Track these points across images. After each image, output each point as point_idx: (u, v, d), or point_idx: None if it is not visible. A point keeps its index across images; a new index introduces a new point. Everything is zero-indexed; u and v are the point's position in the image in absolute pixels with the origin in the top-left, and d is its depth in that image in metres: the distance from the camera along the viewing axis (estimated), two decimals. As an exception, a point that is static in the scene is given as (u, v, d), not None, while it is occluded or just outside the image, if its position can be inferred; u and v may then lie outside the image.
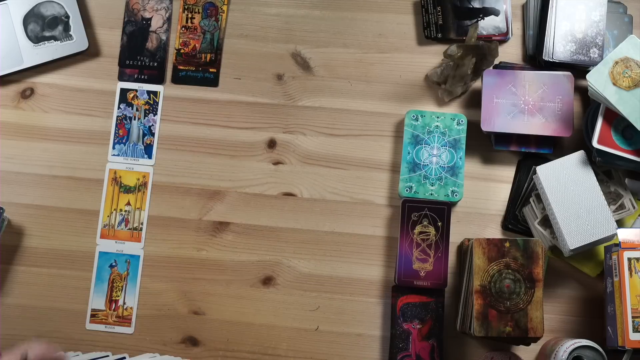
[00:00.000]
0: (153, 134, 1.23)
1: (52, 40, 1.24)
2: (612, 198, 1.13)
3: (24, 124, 1.23)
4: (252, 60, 1.25)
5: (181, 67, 1.25)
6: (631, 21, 1.22)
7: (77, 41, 1.24)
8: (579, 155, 1.11)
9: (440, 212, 1.15)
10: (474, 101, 1.22)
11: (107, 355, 1.15)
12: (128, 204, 1.21)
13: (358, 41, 1.25)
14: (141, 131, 1.23)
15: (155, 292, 1.18)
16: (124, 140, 1.22)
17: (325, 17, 1.26)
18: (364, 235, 1.19)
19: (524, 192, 1.18)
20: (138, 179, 1.21)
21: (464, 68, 1.19)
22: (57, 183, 1.21)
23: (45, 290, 1.18)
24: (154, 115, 1.23)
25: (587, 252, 1.14)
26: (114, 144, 1.22)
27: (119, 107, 1.24)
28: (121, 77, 1.25)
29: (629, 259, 1.05)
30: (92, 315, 1.18)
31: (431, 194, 1.16)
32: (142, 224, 1.20)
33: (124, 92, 1.24)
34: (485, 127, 1.16)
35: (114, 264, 1.19)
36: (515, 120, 1.16)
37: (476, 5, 1.24)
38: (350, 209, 1.20)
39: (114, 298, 1.18)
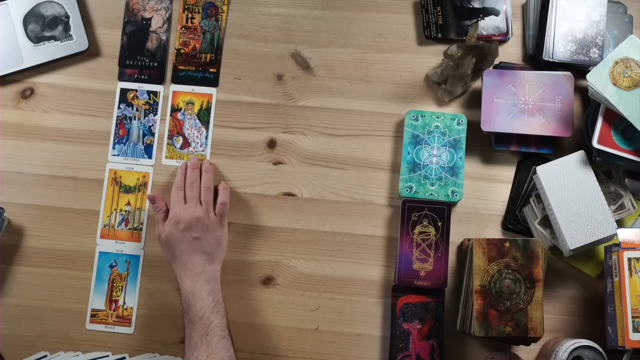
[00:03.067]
0: (153, 134, 1.23)
1: (52, 40, 1.24)
2: (612, 198, 1.13)
3: (24, 124, 1.23)
4: (252, 60, 1.25)
5: (181, 67, 1.25)
6: (631, 21, 1.22)
7: (77, 41, 1.24)
8: (579, 155, 1.11)
9: (440, 212, 1.15)
10: (474, 101, 1.22)
11: (107, 355, 1.15)
12: (128, 204, 1.21)
13: (358, 41, 1.25)
14: (141, 131, 1.23)
15: (155, 292, 1.18)
16: (124, 140, 1.22)
17: (325, 17, 1.26)
18: (364, 235, 1.19)
19: (524, 192, 1.18)
20: (138, 179, 1.21)
21: (464, 68, 1.19)
22: (57, 183, 1.21)
23: (45, 290, 1.18)
24: (154, 115, 1.23)
25: (587, 252, 1.14)
26: (114, 144, 1.22)
27: (119, 107, 1.24)
28: (121, 77, 1.25)
29: (629, 259, 1.05)
30: (92, 315, 1.18)
31: (431, 194, 1.16)
32: (142, 224, 1.20)
33: (124, 92, 1.24)
34: (485, 127, 1.16)
35: (114, 264, 1.19)
36: (515, 120, 1.16)
37: (476, 5, 1.24)
38: (350, 209, 1.20)
39: (114, 298, 1.18)
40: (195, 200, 1.14)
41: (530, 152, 1.19)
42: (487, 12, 1.24)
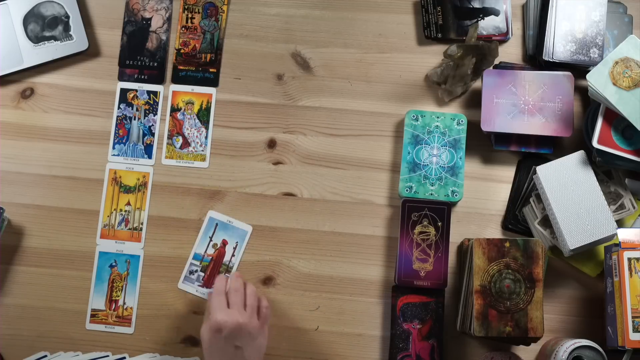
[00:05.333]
0: (153, 134, 1.23)
1: (52, 40, 1.24)
2: (612, 198, 1.13)
3: (24, 124, 1.23)
4: (252, 60, 1.25)
5: (181, 67, 1.25)
6: (631, 21, 1.22)
7: (77, 41, 1.24)
8: (579, 155, 1.11)
9: (440, 212, 1.15)
10: (474, 101, 1.22)
11: (107, 355, 1.15)
12: (128, 204, 1.21)
13: (358, 41, 1.25)
14: (141, 131, 1.23)
15: (155, 292, 1.18)
16: (124, 140, 1.22)
17: (325, 17, 1.26)
18: (364, 235, 1.19)
19: (524, 192, 1.18)
20: (138, 179, 1.21)
21: (464, 68, 1.19)
22: (57, 183, 1.21)
23: (45, 290, 1.18)
24: (154, 115, 1.23)
25: (587, 252, 1.14)
26: (114, 144, 1.22)
27: (119, 107, 1.24)
28: (121, 77, 1.25)
29: (629, 259, 1.05)
30: (92, 315, 1.18)
31: (431, 194, 1.16)
32: (142, 224, 1.20)
33: (124, 92, 1.24)
34: (485, 127, 1.16)
35: (114, 264, 1.19)
36: (515, 120, 1.16)
37: (476, 5, 1.24)
38: (350, 209, 1.20)
39: (114, 298, 1.18)
40: (239, 306, 1.06)
41: (530, 152, 1.19)
42: (487, 12, 1.24)
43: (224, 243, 1.18)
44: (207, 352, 1.04)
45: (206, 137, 1.22)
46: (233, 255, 1.18)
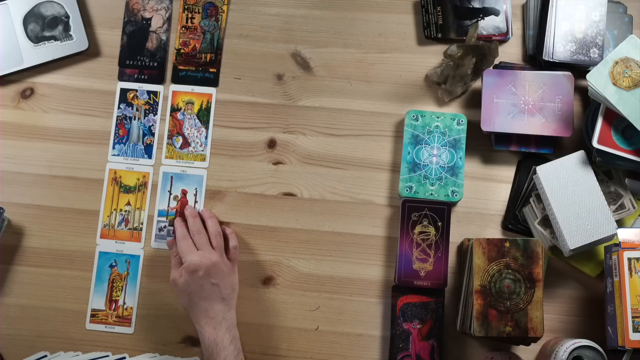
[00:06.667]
0: (153, 134, 1.23)
1: (52, 40, 1.24)
2: (612, 198, 1.13)
3: (24, 124, 1.23)
4: (252, 60, 1.25)
5: (181, 67, 1.25)
6: (631, 21, 1.22)
7: (77, 41, 1.24)
8: (579, 155, 1.11)
9: (440, 212, 1.15)
10: (474, 101, 1.22)
11: (107, 355, 1.15)
12: (128, 204, 1.21)
13: (358, 41, 1.25)
14: (141, 131, 1.23)
15: (155, 292, 1.18)
16: (124, 140, 1.22)
17: (325, 17, 1.26)
18: (364, 235, 1.19)
19: (524, 192, 1.18)
20: (138, 179, 1.21)
21: (464, 68, 1.19)
22: (57, 183, 1.21)
23: (45, 290, 1.18)
24: (154, 115, 1.23)
25: (587, 252, 1.14)
26: (114, 144, 1.22)
27: (119, 107, 1.24)
28: (121, 77, 1.25)
29: (629, 259, 1.05)
30: (92, 315, 1.18)
31: (431, 194, 1.16)
32: (142, 224, 1.20)
33: (124, 92, 1.24)
34: (485, 127, 1.16)
35: (114, 264, 1.19)
36: (515, 120, 1.16)
37: (476, 5, 1.24)
38: (350, 209, 1.20)
39: (114, 298, 1.18)
40: (207, 246, 1.12)
41: (530, 152, 1.19)
42: (487, 12, 1.24)
43: (184, 193, 1.19)
44: (184, 295, 1.09)
45: (206, 137, 1.22)
46: (196, 201, 1.19)
